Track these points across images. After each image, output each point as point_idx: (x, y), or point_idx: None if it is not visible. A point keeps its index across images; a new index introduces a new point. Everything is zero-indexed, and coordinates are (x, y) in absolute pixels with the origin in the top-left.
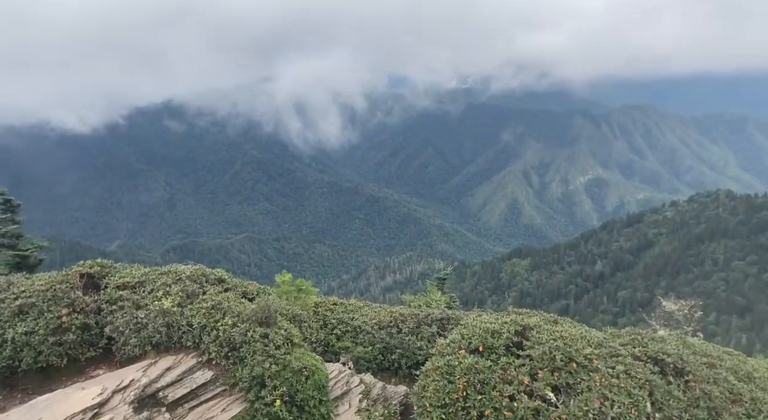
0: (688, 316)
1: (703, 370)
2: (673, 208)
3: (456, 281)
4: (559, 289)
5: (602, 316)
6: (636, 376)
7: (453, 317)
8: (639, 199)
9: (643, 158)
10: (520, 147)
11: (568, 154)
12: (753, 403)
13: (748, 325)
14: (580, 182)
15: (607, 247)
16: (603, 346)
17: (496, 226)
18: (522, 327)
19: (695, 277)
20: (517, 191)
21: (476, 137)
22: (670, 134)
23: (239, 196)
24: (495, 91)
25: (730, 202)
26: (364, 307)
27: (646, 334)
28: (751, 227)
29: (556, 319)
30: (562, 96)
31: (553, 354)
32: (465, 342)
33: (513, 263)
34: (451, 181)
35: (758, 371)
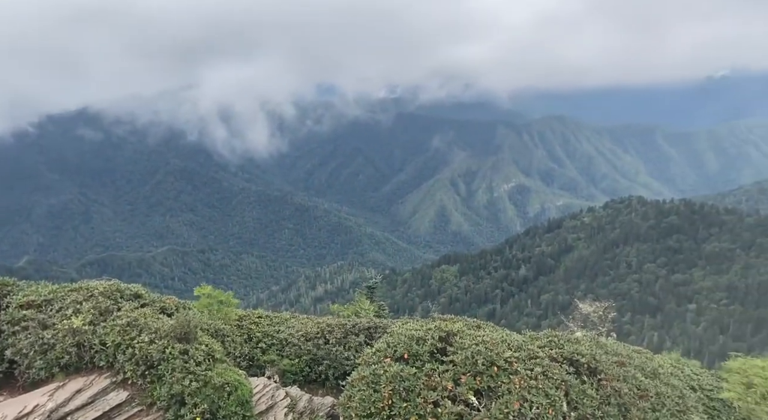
0: (602, 317)
1: (614, 368)
2: (590, 214)
3: (387, 289)
4: (486, 293)
5: (527, 319)
6: (553, 377)
7: (380, 326)
8: (559, 206)
9: (562, 166)
10: (448, 155)
11: (492, 163)
12: (658, 397)
13: (658, 324)
14: (504, 189)
15: (530, 252)
16: (522, 349)
17: (426, 233)
18: (446, 333)
19: (611, 280)
20: (445, 199)
21: (406, 146)
22: (586, 143)
23: (161, 207)
24: (423, 101)
25: (641, 208)
26: (290, 319)
27: (562, 336)
28: (660, 231)
29: (479, 324)
30: (486, 106)
31: (475, 358)
32: (391, 350)
33: (442, 270)
34: (382, 189)
35: (663, 367)
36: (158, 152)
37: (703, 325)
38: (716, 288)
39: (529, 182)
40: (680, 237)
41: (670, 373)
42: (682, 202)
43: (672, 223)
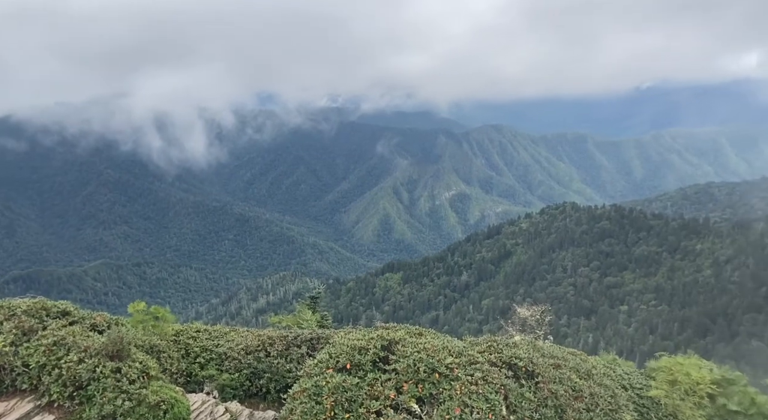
0: (539, 321)
1: (551, 371)
2: (527, 220)
3: (331, 299)
4: (430, 300)
5: (469, 325)
6: (492, 382)
7: (323, 336)
8: (498, 212)
9: (500, 174)
10: (391, 164)
11: (434, 171)
12: (592, 398)
13: (593, 326)
14: (446, 197)
15: (471, 258)
16: (463, 355)
17: (370, 242)
18: (388, 341)
19: (548, 283)
20: (388, 207)
21: (348, 155)
22: (523, 152)
23: (93, 219)
24: (365, 110)
25: (575, 214)
26: (230, 332)
27: (501, 341)
28: (593, 236)
29: (421, 331)
30: (427, 115)
31: (417, 366)
32: (333, 361)
33: (386, 278)
34: (325, 198)
35: (596, 368)
36: (90, 163)
37: (634, 325)
38: (645, 289)
39: (469, 190)
40: (611, 241)
41: (603, 374)
42: (612, 207)
43: (604, 227)
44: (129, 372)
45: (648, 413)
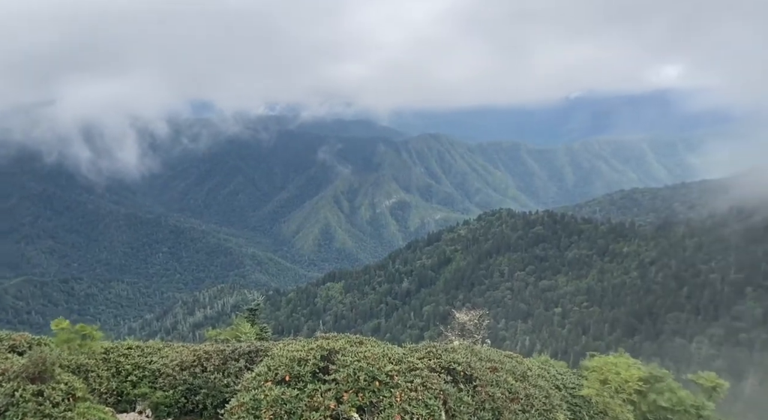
0: (477, 325)
1: (488, 374)
2: (465, 227)
3: (271, 310)
4: (372, 308)
5: (410, 332)
6: (432, 388)
7: (262, 349)
8: (437, 219)
9: (439, 182)
10: (331, 173)
11: (374, 179)
12: (527, 399)
13: (530, 328)
14: (386, 206)
15: (412, 265)
16: (403, 362)
17: (310, 252)
18: (328, 351)
19: (487, 288)
20: (329, 216)
21: (287, 164)
22: (460, 160)
23: (15, 234)
24: (305, 119)
25: (510, 220)
26: (164, 348)
27: (440, 346)
28: (528, 241)
29: (362, 339)
30: (367, 124)
31: (357, 375)
32: (271, 373)
33: (327, 287)
34: (263, 208)
35: (531, 370)
36: (10, 174)
37: (568, 327)
38: (578, 292)
39: (409, 198)
40: (545, 245)
41: (537, 375)
42: (545, 213)
43: (538, 233)
44: (52, 394)
45: (580, 411)
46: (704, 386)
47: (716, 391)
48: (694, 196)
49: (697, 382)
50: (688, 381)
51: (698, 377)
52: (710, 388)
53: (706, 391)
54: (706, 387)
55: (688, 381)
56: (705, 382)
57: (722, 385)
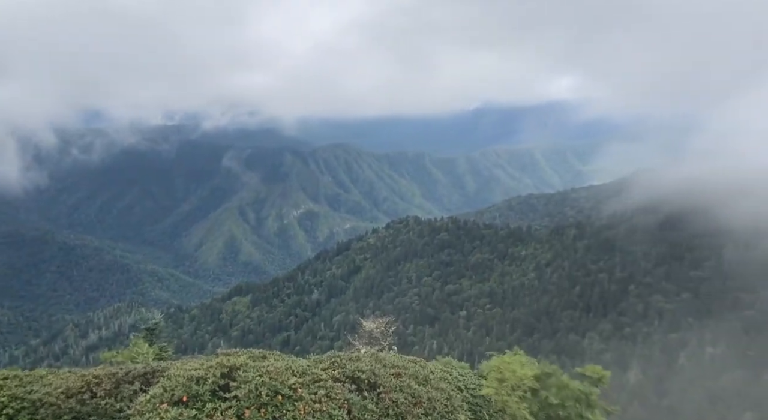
0: (384, 332)
1: (392, 380)
2: (374, 235)
3: (173, 328)
4: (281, 321)
5: (321, 343)
6: (336, 398)
7: (159, 369)
8: (346, 229)
9: (347, 191)
10: (236, 184)
11: (281, 190)
12: (429, 402)
13: (437, 332)
14: (294, 216)
15: (321, 276)
16: (307, 374)
17: (215, 266)
18: (228, 368)
19: (396, 295)
20: (234, 228)
21: (189, 175)
22: (368, 169)
23: None
24: (207, 129)
25: (417, 227)
26: (47, 376)
27: (344, 356)
28: (434, 247)
29: (265, 354)
30: (273, 133)
31: (259, 390)
32: (168, 395)
33: (234, 302)
34: (163, 222)
35: (434, 373)
36: None
37: (472, 329)
38: (481, 294)
39: (317, 208)
40: (450, 251)
41: (440, 378)
42: (449, 220)
43: (443, 239)
44: None
45: (480, 411)
46: (591, 378)
47: (601, 382)
48: (582, 200)
49: (584, 374)
50: (577, 374)
51: (585, 370)
52: (596, 380)
53: (592, 382)
54: (593, 379)
55: (577, 374)
56: (591, 374)
57: (606, 376)
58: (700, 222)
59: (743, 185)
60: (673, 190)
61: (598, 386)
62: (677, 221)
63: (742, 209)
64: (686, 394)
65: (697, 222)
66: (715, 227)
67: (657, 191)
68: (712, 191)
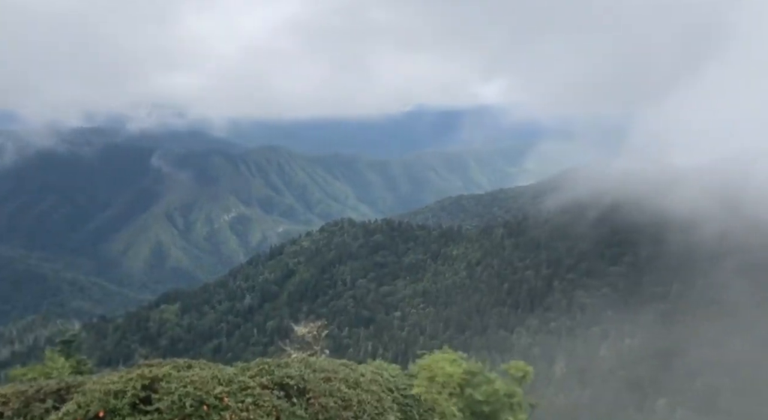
0: (316, 337)
1: (321, 385)
2: (308, 238)
3: (96, 339)
4: (212, 328)
5: (253, 349)
6: (264, 405)
7: (74, 384)
8: (279, 232)
9: (280, 194)
10: (162, 187)
11: (211, 193)
12: (359, 405)
13: (372, 334)
14: (225, 220)
15: (254, 281)
16: (234, 382)
17: (141, 273)
18: (150, 380)
19: (330, 298)
20: (161, 234)
21: (112, 179)
22: (301, 172)
23: None
24: (131, 131)
25: (351, 229)
26: None
27: (272, 362)
28: (368, 249)
29: (191, 363)
30: (202, 136)
31: (183, 401)
32: (82, 411)
33: (162, 310)
34: (84, 228)
35: (365, 376)
36: None
37: (407, 329)
38: (415, 294)
39: (249, 212)
40: (385, 253)
41: (370, 380)
42: (384, 221)
43: (377, 240)
44: None
45: (411, 410)
46: (514, 375)
47: (525, 378)
48: (510, 200)
49: (508, 372)
50: (503, 371)
51: (509, 367)
52: (520, 376)
53: (516, 379)
54: (516, 376)
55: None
56: (515, 371)
57: (529, 372)
58: (619, 220)
59: (662, 184)
60: (596, 189)
61: (522, 383)
62: (599, 219)
63: (657, 207)
64: (607, 384)
65: (617, 220)
66: (633, 224)
67: (581, 191)
68: (633, 190)
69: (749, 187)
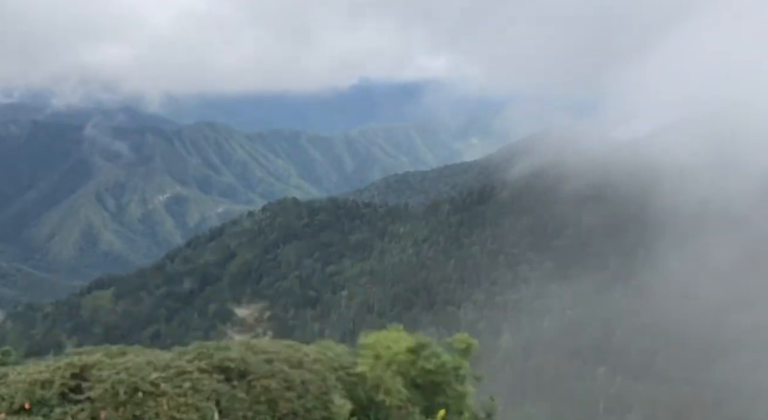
0: (258, 319)
1: (263, 366)
2: (250, 218)
3: (23, 329)
4: (149, 314)
5: (195, 333)
6: (203, 390)
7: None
8: (219, 213)
9: (218, 173)
10: (92, 167)
11: (144, 173)
12: (303, 385)
13: (319, 314)
14: (160, 201)
15: (193, 264)
16: (170, 367)
17: (70, 258)
18: (79, 368)
19: (275, 279)
20: (91, 216)
21: (35, 159)
22: (240, 150)
23: None
24: (56, 107)
25: (295, 208)
26: None
27: (211, 346)
28: (313, 228)
29: (124, 350)
30: (132, 112)
31: (116, 389)
32: (6, 403)
33: (94, 296)
34: (6, 211)
35: (308, 355)
36: None
37: (354, 308)
38: (362, 273)
39: (186, 191)
40: (330, 232)
41: (314, 360)
42: (329, 200)
43: (322, 219)
44: None
45: (355, 388)
46: (459, 348)
47: (469, 350)
48: (455, 177)
49: (453, 344)
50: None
51: (454, 340)
52: (464, 349)
53: (462, 352)
54: (461, 348)
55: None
56: (459, 344)
57: (474, 345)
58: (562, 193)
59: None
60: (540, 163)
61: (467, 356)
62: (542, 193)
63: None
64: (550, 354)
65: (560, 193)
66: (576, 197)
67: (526, 165)
68: (577, 162)
69: (690, 156)
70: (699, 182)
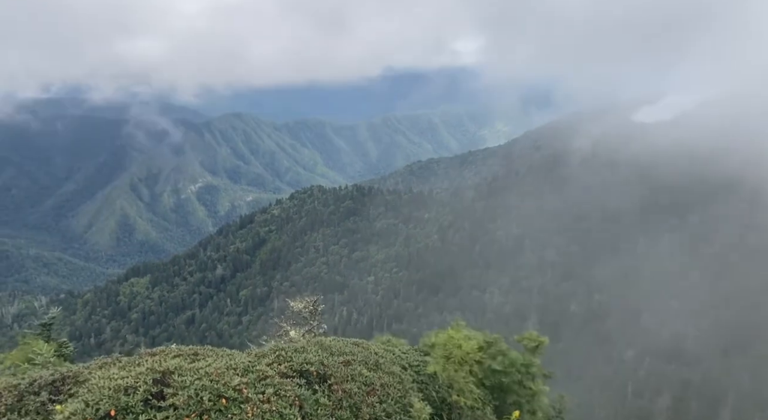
0: (312, 312)
1: (342, 369)
2: (278, 206)
3: (65, 315)
4: (184, 300)
5: (228, 318)
6: (285, 395)
7: (69, 375)
8: (248, 201)
9: (247, 163)
10: (126, 159)
11: (176, 164)
12: (383, 388)
13: (346, 299)
14: (192, 191)
15: (225, 251)
16: (251, 372)
17: (108, 247)
18: (161, 373)
19: (304, 265)
20: (126, 206)
21: (72, 152)
22: (267, 140)
23: None
24: (93, 101)
25: (322, 196)
26: None
27: (289, 348)
28: (339, 215)
29: (196, 350)
30: (165, 104)
31: (200, 396)
32: (91, 410)
33: (131, 283)
34: (45, 203)
35: (382, 357)
36: None
37: (381, 293)
38: (387, 259)
39: (216, 181)
40: (356, 218)
41: (389, 361)
42: (354, 187)
43: (348, 206)
44: None
45: (428, 388)
46: (528, 346)
47: (539, 348)
48: (479, 162)
49: (521, 342)
50: (515, 342)
51: (522, 338)
52: (534, 347)
53: (530, 350)
54: (530, 346)
55: (515, 342)
56: (528, 342)
57: (544, 342)
58: (588, 177)
59: (623, 139)
60: (565, 148)
61: (536, 353)
62: (567, 179)
63: (627, 162)
64: (578, 338)
65: (586, 177)
66: (603, 182)
67: (550, 150)
68: (602, 147)
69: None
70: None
